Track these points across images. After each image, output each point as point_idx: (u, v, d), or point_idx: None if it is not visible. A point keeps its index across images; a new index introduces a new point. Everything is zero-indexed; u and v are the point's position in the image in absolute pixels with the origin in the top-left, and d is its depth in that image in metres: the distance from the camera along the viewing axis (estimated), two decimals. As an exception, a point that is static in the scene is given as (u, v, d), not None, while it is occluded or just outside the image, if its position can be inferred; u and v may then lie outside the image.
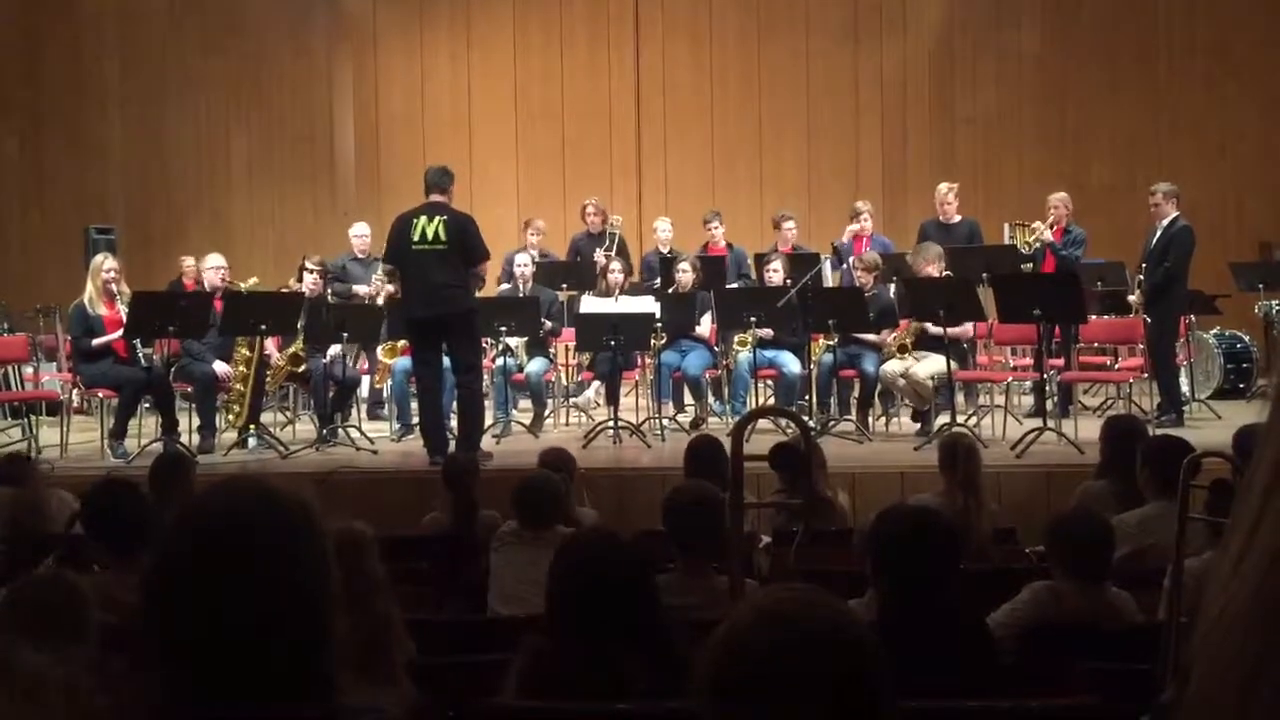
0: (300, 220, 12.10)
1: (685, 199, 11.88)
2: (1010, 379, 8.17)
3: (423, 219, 6.90)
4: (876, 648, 1.28)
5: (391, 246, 7.13)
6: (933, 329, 7.57)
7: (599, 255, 9.42)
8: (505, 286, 9.21)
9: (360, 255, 9.43)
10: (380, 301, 8.54)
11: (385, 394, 8.78)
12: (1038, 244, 8.49)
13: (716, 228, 9.36)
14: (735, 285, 9.18)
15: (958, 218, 9.07)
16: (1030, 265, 8.53)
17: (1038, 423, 7.19)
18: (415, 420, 7.79)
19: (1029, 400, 8.94)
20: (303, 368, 8.04)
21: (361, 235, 9.48)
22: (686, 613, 2.97)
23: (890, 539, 2.82)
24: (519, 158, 12.29)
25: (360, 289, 9.06)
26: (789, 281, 8.21)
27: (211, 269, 8.27)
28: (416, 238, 6.87)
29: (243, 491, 1.35)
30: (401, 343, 8.10)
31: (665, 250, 9.47)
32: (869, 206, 9.26)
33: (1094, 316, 8.41)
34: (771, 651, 1.25)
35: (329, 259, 9.11)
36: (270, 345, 8.23)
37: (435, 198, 7.02)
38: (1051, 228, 8.56)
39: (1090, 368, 9.23)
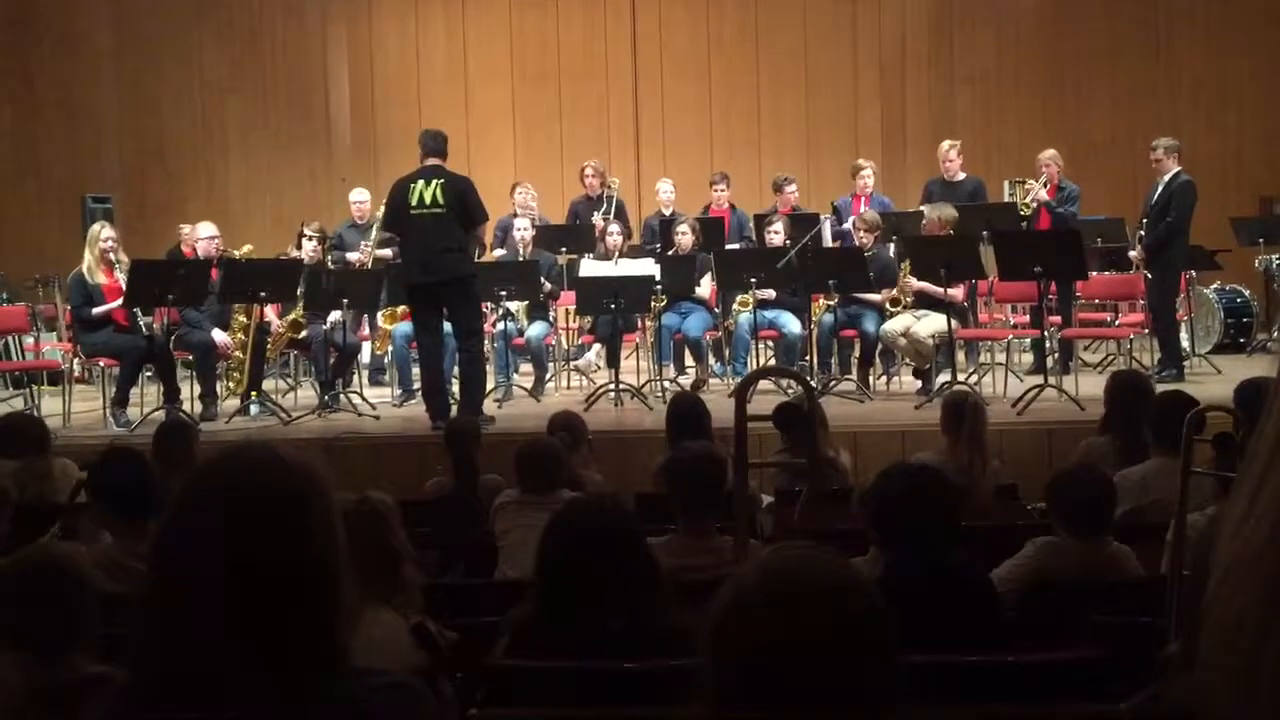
0: (297, 186, 12.05)
1: (684, 160, 11.81)
2: (1010, 336, 8.16)
3: (420, 183, 6.87)
4: (880, 604, 1.29)
5: (390, 212, 7.11)
6: (930, 289, 7.55)
7: (597, 218, 9.39)
8: (500, 252, 9.18)
9: (358, 221, 9.40)
10: (370, 266, 8.51)
11: (386, 360, 8.78)
12: (1033, 204, 8.44)
13: (721, 190, 9.32)
14: (739, 246, 9.15)
15: (961, 175, 9.01)
16: (1025, 224, 8.51)
17: (1038, 380, 7.19)
18: (416, 386, 7.79)
19: (1029, 358, 8.94)
20: (303, 334, 8.02)
21: (360, 201, 9.44)
22: (689, 574, 2.98)
23: (892, 497, 2.83)
24: (515, 120, 12.22)
25: (353, 256, 9.04)
26: (789, 243, 8.18)
27: (205, 239, 8.24)
28: (415, 202, 6.84)
29: (252, 459, 1.33)
30: (402, 308, 8.08)
31: (667, 212, 9.43)
32: (871, 164, 9.21)
33: (1094, 273, 8.39)
34: (776, 609, 1.26)
35: (328, 226, 9.08)
36: (270, 312, 8.21)
37: (432, 161, 6.98)
38: (1045, 186, 8.52)
39: (1090, 324, 9.22)
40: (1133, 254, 8.61)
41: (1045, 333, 7.66)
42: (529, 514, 4.12)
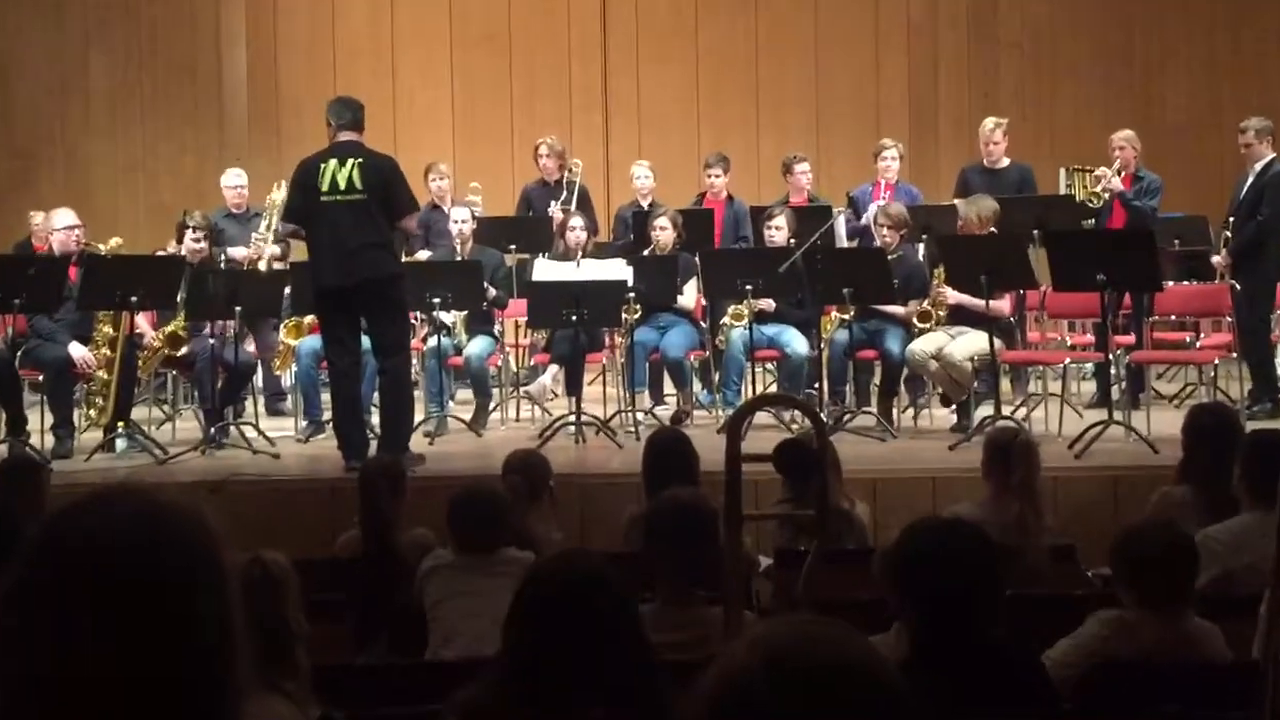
0: (178, 168, 11.99)
1: (663, 140, 11.85)
2: (1068, 360, 8.21)
3: (333, 163, 6.85)
4: (904, 693, 1.27)
5: (295, 199, 7.08)
6: (969, 301, 7.58)
7: (555, 209, 9.37)
8: (426, 254, 9.14)
9: (235, 210, 9.35)
10: (262, 267, 8.48)
11: (288, 383, 8.72)
12: (1106, 195, 8.50)
13: (718, 176, 9.33)
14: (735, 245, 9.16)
15: (1005, 161, 9.08)
16: (1093, 222, 8.56)
17: (1102, 414, 7.22)
18: (327, 416, 7.75)
19: (1090, 387, 8.97)
20: (184, 350, 7.97)
21: (235, 186, 9.40)
22: (669, 652, 2.96)
23: (921, 559, 2.81)
24: (454, 90, 12.22)
25: (236, 252, 9.00)
26: (794, 241, 8.20)
27: (62, 229, 8.17)
28: (326, 187, 6.82)
29: (122, 506, 1.27)
30: (309, 318, 8.05)
31: (644, 202, 9.46)
32: (896, 147, 9.28)
33: (1170, 283, 8.45)
34: (775, 700, 1.23)
35: (214, 215, 9.04)
36: (142, 322, 8.15)
37: (347, 136, 6.97)
38: (1119, 174, 8.58)
39: (1166, 346, 9.29)
40: (1216, 259, 8.69)
41: (1111, 356, 7.70)
42: (466, 580, 4.11)
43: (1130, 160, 8.63)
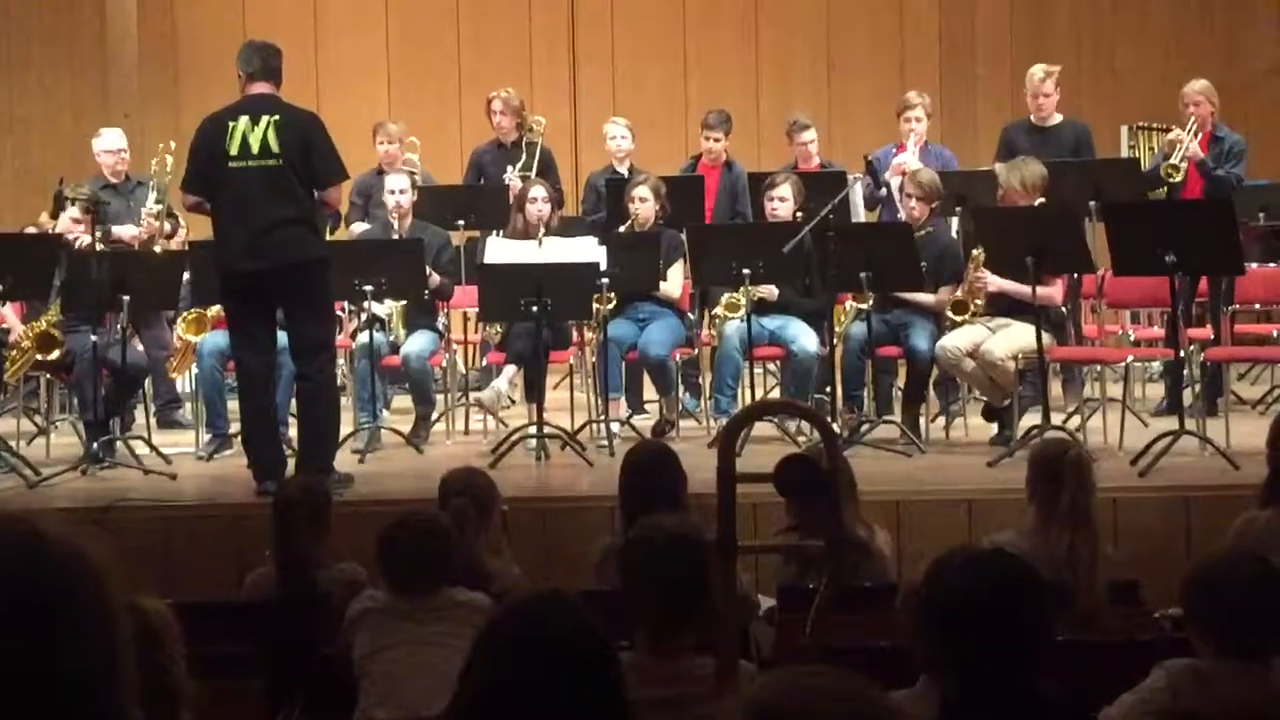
0: (53, 125, 11.92)
1: (643, 93, 11.85)
2: (1131, 358, 8.23)
3: (243, 121, 6.83)
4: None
5: (196, 165, 7.05)
6: (1012, 288, 7.60)
7: (511, 176, 9.36)
8: (362, 227, 9.09)
9: (114, 180, 9.27)
10: (157, 249, 8.43)
11: (187, 388, 8.68)
12: (1182, 161, 8.53)
13: (717, 140, 9.35)
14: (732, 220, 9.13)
15: (1057, 118, 9.10)
16: (1164, 191, 8.58)
17: (1172, 423, 7.24)
18: (234, 428, 7.72)
19: (1158, 390, 8.99)
20: (57, 353, 7.94)
21: (114, 149, 9.31)
22: (650, 711, 2.96)
23: (954, 598, 2.81)
24: (389, 34, 12.20)
25: (123, 231, 8.95)
26: (801, 215, 8.22)
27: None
28: (235, 150, 6.80)
29: None
30: (213, 310, 8.02)
31: (621, 168, 9.46)
32: (925, 100, 9.30)
33: (1253, 265, 8.49)
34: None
35: (90, 185, 8.98)
36: (9, 315, 8.10)
37: (260, 89, 6.95)
38: (1195, 135, 8.61)
39: (1248, 341, 9.32)
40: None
41: (1182, 354, 7.72)
42: (404, 627, 4.10)
43: (1207, 118, 8.66)
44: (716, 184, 9.24)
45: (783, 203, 8.37)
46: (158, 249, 8.56)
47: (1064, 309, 8.01)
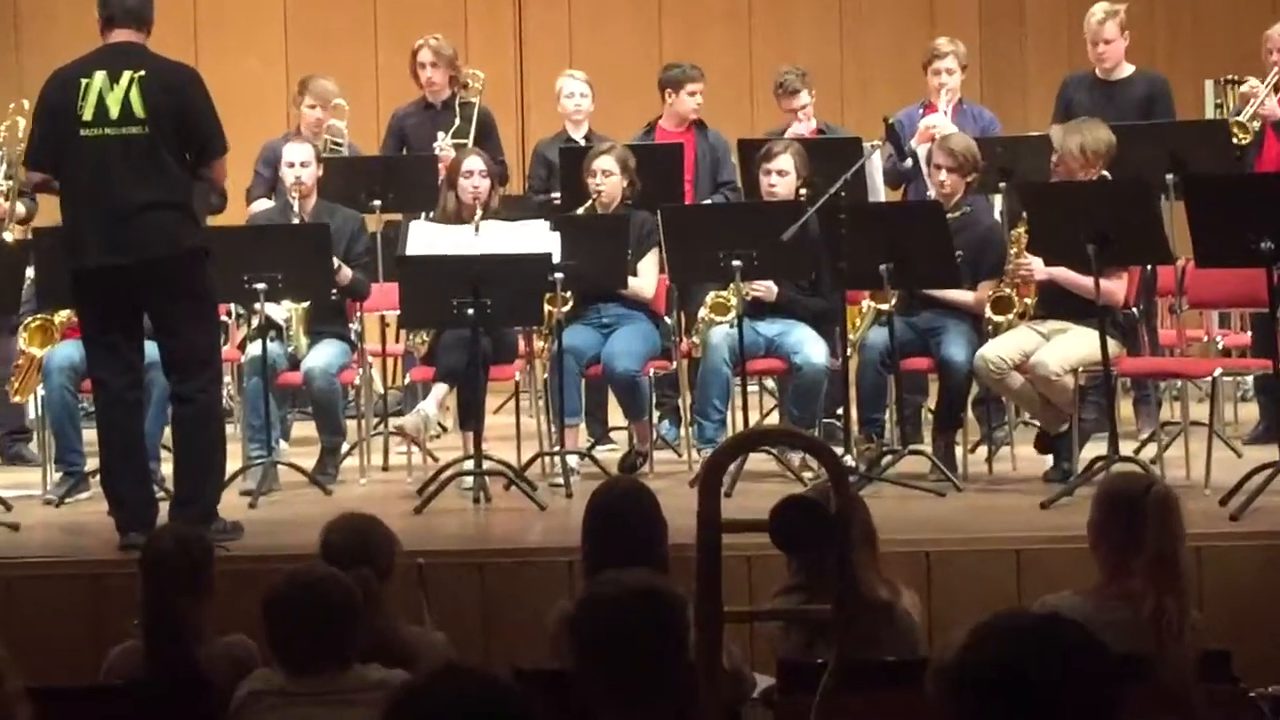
0: None
1: (607, 41, 11.83)
2: (1219, 371, 8.24)
3: (99, 79, 6.80)
4: None
5: (41, 132, 7.03)
6: (1068, 278, 7.59)
7: (442, 143, 9.34)
8: (263, 206, 9.04)
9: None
10: (7, 236, 8.37)
11: (33, 415, 8.63)
12: (1253, 121, 8.56)
13: (689, 94, 9.37)
14: (709, 201, 9.13)
15: (1128, 69, 9.12)
16: (1239, 157, 8.62)
17: (1271, 453, 7.25)
18: (92, 464, 7.68)
19: (1253, 412, 8.99)
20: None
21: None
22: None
23: (997, 676, 2.79)
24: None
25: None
26: (806, 193, 8.21)
27: None
28: (89, 114, 6.77)
29: None
30: (61, 315, 8.01)
31: (577, 135, 9.46)
32: (958, 49, 9.29)
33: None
34: None
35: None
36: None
37: (121, 37, 6.91)
38: (1276, 90, 8.66)
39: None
40: None
41: (1283, 365, 7.73)
42: (303, 713, 4.09)
43: (1292, 68, 8.73)
44: (693, 152, 9.23)
45: (782, 177, 8.35)
46: (8, 236, 8.50)
47: (1134, 310, 8.01)
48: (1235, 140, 8.61)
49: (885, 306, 7.92)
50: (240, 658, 4.64)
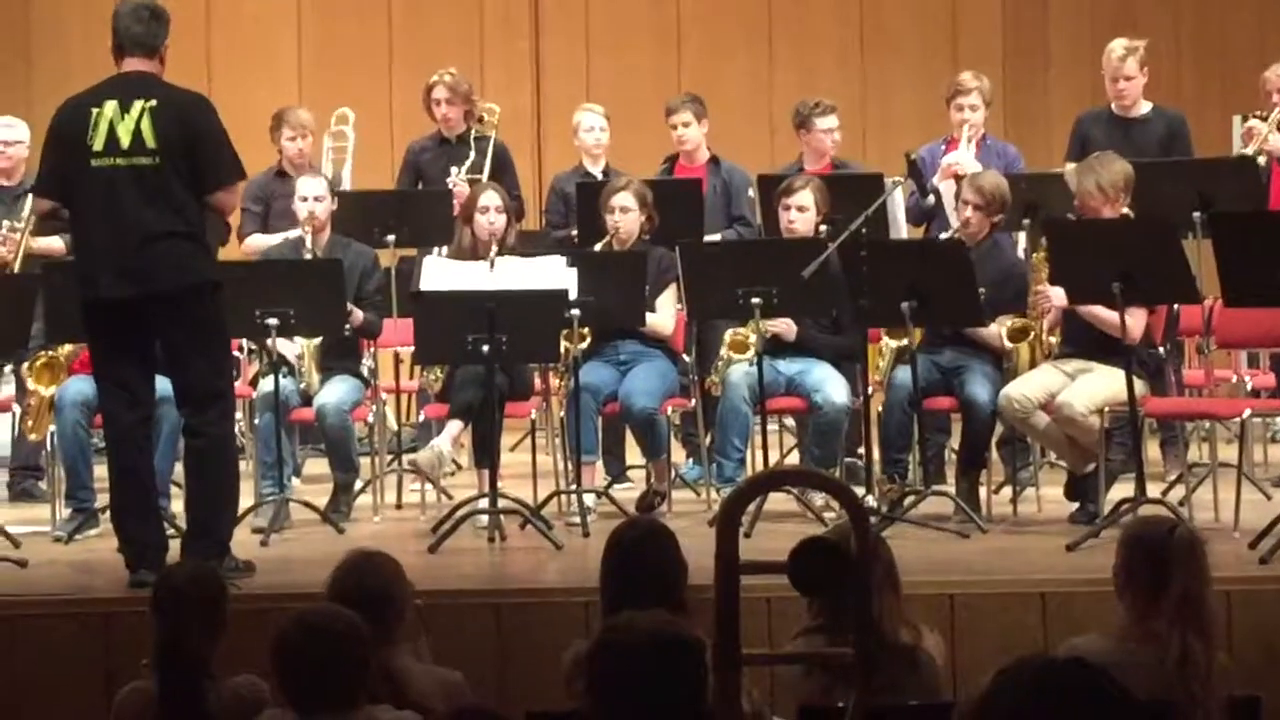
0: None
1: (625, 74, 11.85)
2: (1248, 412, 8.21)
3: (110, 108, 6.81)
4: None
5: (51, 162, 7.04)
6: (1093, 313, 7.58)
7: (457, 178, 9.35)
8: (262, 240, 9.03)
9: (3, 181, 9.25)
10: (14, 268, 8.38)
11: (44, 452, 8.63)
12: (1258, 155, 8.62)
13: (685, 125, 9.40)
14: (723, 235, 9.15)
15: (1145, 106, 9.12)
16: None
17: (1302, 496, 7.24)
18: (102, 501, 7.68)
19: (1284, 453, 9.00)
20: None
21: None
22: None
23: (1024, 719, 2.79)
24: (301, 6, 12.20)
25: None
26: (826, 230, 8.22)
27: None
28: (99, 144, 6.78)
29: None
30: (69, 349, 8.02)
31: (596, 169, 9.47)
32: (983, 84, 9.31)
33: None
34: None
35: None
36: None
37: (134, 65, 6.93)
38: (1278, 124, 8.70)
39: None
40: None
41: (1313, 406, 7.72)
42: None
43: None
44: (704, 187, 9.24)
45: (802, 213, 8.35)
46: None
47: (1160, 349, 8.00)
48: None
49: (903, 342, 7.94)
50: (251, 698, 4.62)
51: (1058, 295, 7.71)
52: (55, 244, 8.65)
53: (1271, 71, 8.89)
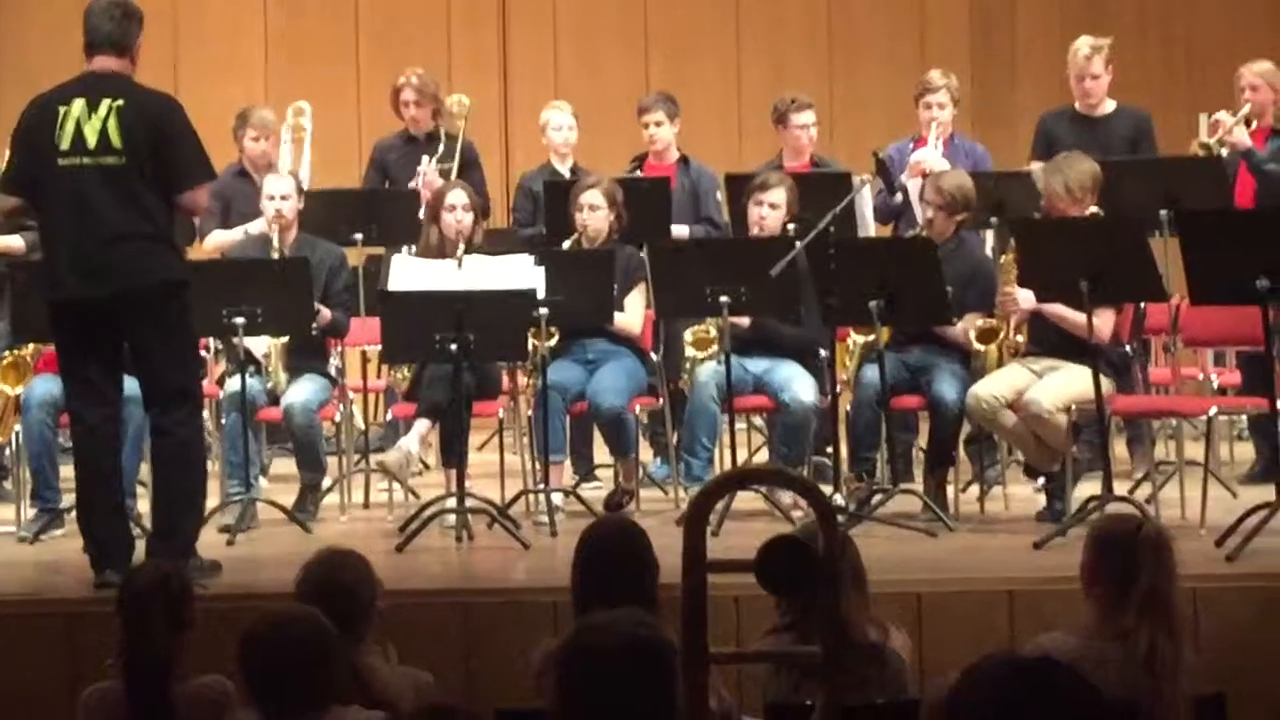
0: None
1: (594, 71, 11.85)
2: (1214, 410, 8.23)
3: (77, 106, 6.79)
4: None
5: (19, 159, 7.03)
6: (1058, 313, 7.60)
7: (427, 167, 9.36)
8: (223, 236, 9.02)
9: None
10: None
11: (8, 452, 8.62)
12: (1220, 146, 8.64)
13: (658, 124, 9.41)
14: (690, 229, 9.17)
15: (1110, 105, 9.15)
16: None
17: (1268, 493, 7.24)
18: (68, 501, 7.67)
19: (1247, 451, 9.00)
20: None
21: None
22: None
23: (990, 718, 2.79)
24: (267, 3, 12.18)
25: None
26: (794, 228, 8.23)
27: None
28: (66, 144, 6.76)
29: None
30: (34, 348, 8.01)
31: (563, 168, 9.48)
32: (950, 82, 9.33)
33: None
34: None
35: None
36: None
37: (104, 64, 6.91)
38: (1248, 124, 8.71)
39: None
40: None
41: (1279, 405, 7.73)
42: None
43: (1267, 104, 8.79)
44: (672, 187, 9.23)
45: (774, 210, 8.36)
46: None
47: (1127, 348, 8.02)
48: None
49: (869, 338, 7.96)
50: (217, 699, 4.61)
51: (1025, 298, 7.73)
52: (15, 242, 8.61)
53: (1245, 68, 8.90)
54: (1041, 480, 7.82)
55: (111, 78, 6.88)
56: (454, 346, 7.57)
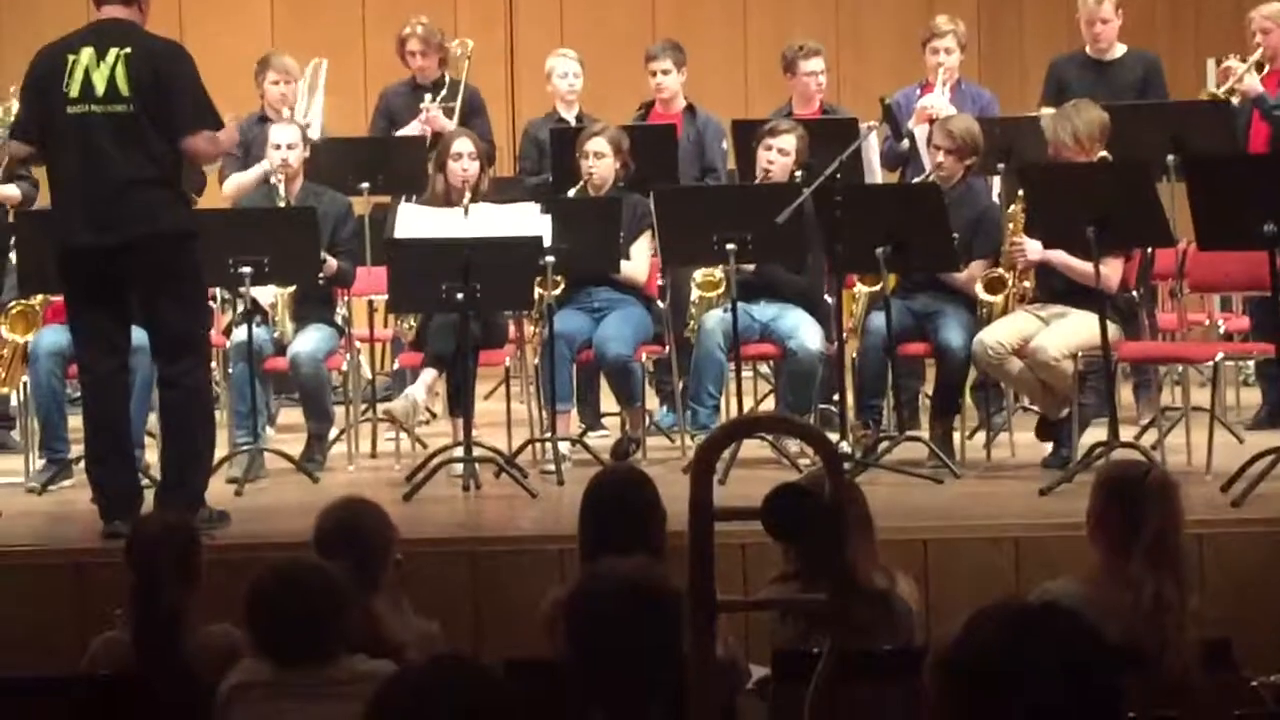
0: None
1: (599, 20, 11.81)
2: (1221, 355, 8.24)
3: (86, 55, 6.78)
4: None
5: (29, 107, 7.05)
6: (1065, 262, 7.60)
7: (429, 104, 9.33)
8: (241, 180, 9.02)
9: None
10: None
11: (15, 401, 8.63)
12: (1230, 95, 8.64)
13: (665, 73, 9.37)
14: (699, 182, 9.15)
15: (1120, 49, 9.13)
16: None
17: (1273, 438, 7.26)
18: (76, 451, 7.68)
19: (1254, 397, 9.00)
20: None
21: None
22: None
23: (993, 667, 2.80)
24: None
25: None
26: (802, 175, 8.21)
27: None
28: (75, 91, 6.76)
29: None
30: (38, 298, 8.02)
31: (569, 114, 9.46)
32: (958, 28, 9.30)
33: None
34: None
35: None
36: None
37: (113, 12, 6.89)
38: (1260, 69, 8.68)
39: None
40: None
41: (1286, 350, 7.73)
42: (291, 707, 4.10)
43: (1278, 47, 8.74)
44: (678, 135, 9.21)
45: (783, 155, 8.34)
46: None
47: (1134, 293, 8.01)
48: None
49: (876, 287, 7.95)
50: (226, 648, 4.62)
51: (1034, 248, 7.72)
52: (12, 192, 8.61)
53: (1256, 11, 8.86)
54: (1050, 446, 7.81)
55: (119, 26, 6.87)
56: (460, 295, 7.56)
